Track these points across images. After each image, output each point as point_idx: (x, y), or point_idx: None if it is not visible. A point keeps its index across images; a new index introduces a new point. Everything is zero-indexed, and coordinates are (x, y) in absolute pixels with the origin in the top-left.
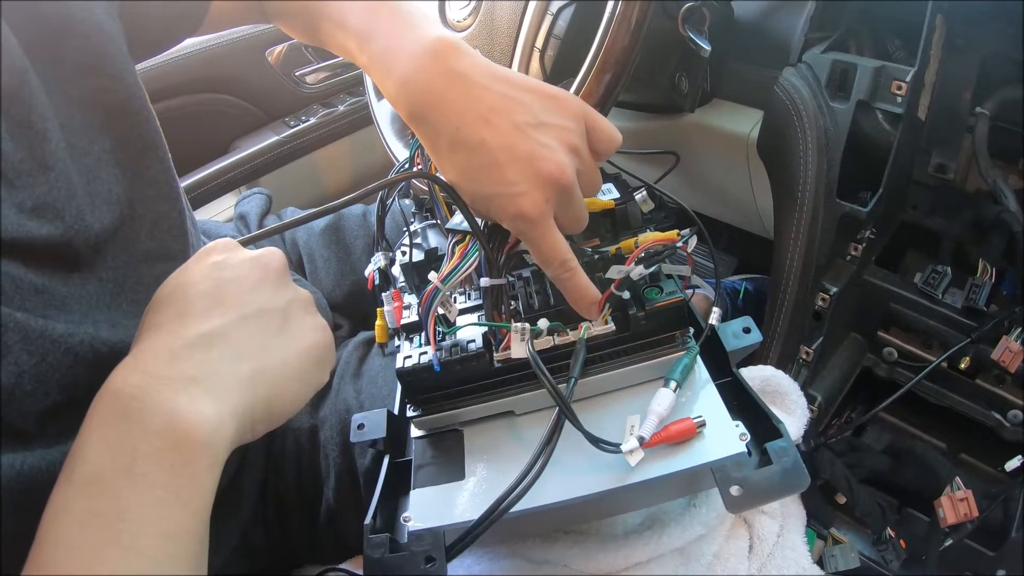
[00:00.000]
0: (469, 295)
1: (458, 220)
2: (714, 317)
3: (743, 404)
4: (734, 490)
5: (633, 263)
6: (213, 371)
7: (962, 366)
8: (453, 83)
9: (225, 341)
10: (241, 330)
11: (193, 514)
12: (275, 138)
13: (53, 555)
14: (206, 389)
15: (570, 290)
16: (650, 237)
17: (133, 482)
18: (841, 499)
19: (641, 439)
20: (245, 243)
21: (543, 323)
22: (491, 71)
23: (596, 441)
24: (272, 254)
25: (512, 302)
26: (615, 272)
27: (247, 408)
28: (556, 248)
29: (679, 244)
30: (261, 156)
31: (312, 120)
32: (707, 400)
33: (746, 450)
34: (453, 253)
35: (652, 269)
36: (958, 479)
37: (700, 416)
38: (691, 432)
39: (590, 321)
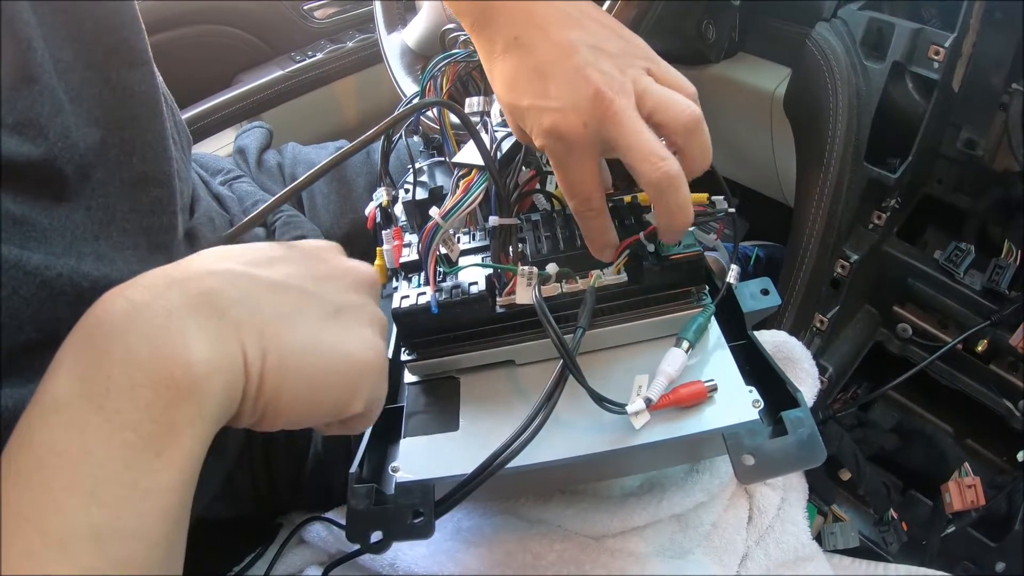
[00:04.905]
0: (474, 235)
1: (466, 153)
2: (732, 275)
3: (757, 370)
4: (746, 459)
5: None
6: (221, 308)
7: (979, 349)
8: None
9: (250, 288)
10: (277, 293)
11: (169, 466)
12: (280, 72)
13: (6, 496)
14: (202, 326)
15: (589, 229)
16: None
17: (103, 418)
18: (845, 475)
19: (648, 401)
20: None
21: (552, 268)
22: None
23: (600, 400)
24: (370, 271)
25: (520, 244)
26: (654, 218)
27: (245, 364)
28: (585, 181)
29: (722, 216)
30: (265, 90)
31: (319, 56)
32: (720, 363)
33: (759, 418)
34: (457, 188)
35: (691, 228)
36: (967, 465)
37: (712, 380)
38: (702, 396)
39: (601, 269)
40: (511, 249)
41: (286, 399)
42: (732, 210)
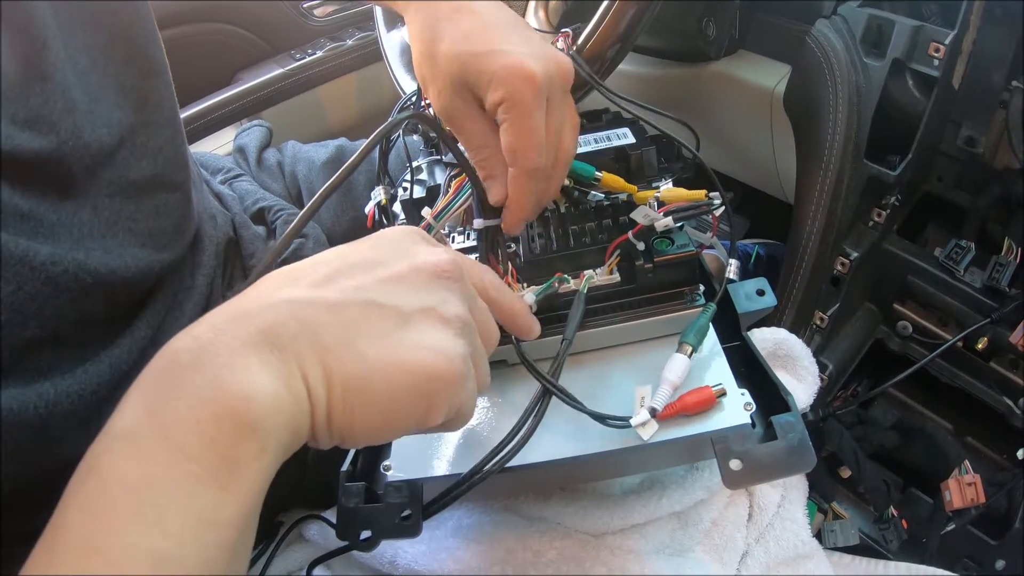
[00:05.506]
0: (468, 235)
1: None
2: (732, 270)
3: (750, 371)
4: (734, 464)
5: (662, 213)
6: (281, 342)
7: (979, 347)
8: None
9: (310, 316)
10: (337, 315)
11: (233, 500)
12: (279, 71)
13: (71, 518)
14: (264, 362)
15: (533, 193)
16: (681, 194)
17: (169, 448)
18: (845, 473)
19: (653, 411)
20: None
21: (529, 298)
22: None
23: (603, 419)
24: (448, 259)
25: (512, 245)
26: (641, 215)
27: (309, 396)
28: (537, 133)
29: (713, 209)
30: (264, 89)
31: (319, 54)
32: (713, 365)
33: (750, 421)
34: (449, 188)
35: (680, 224)
36: (967, 463)
37: (720, 384)
38: (710, 402)
39: (594, 270)
40: (500, 251)
41: (359, 424)
42: (718, 199)
